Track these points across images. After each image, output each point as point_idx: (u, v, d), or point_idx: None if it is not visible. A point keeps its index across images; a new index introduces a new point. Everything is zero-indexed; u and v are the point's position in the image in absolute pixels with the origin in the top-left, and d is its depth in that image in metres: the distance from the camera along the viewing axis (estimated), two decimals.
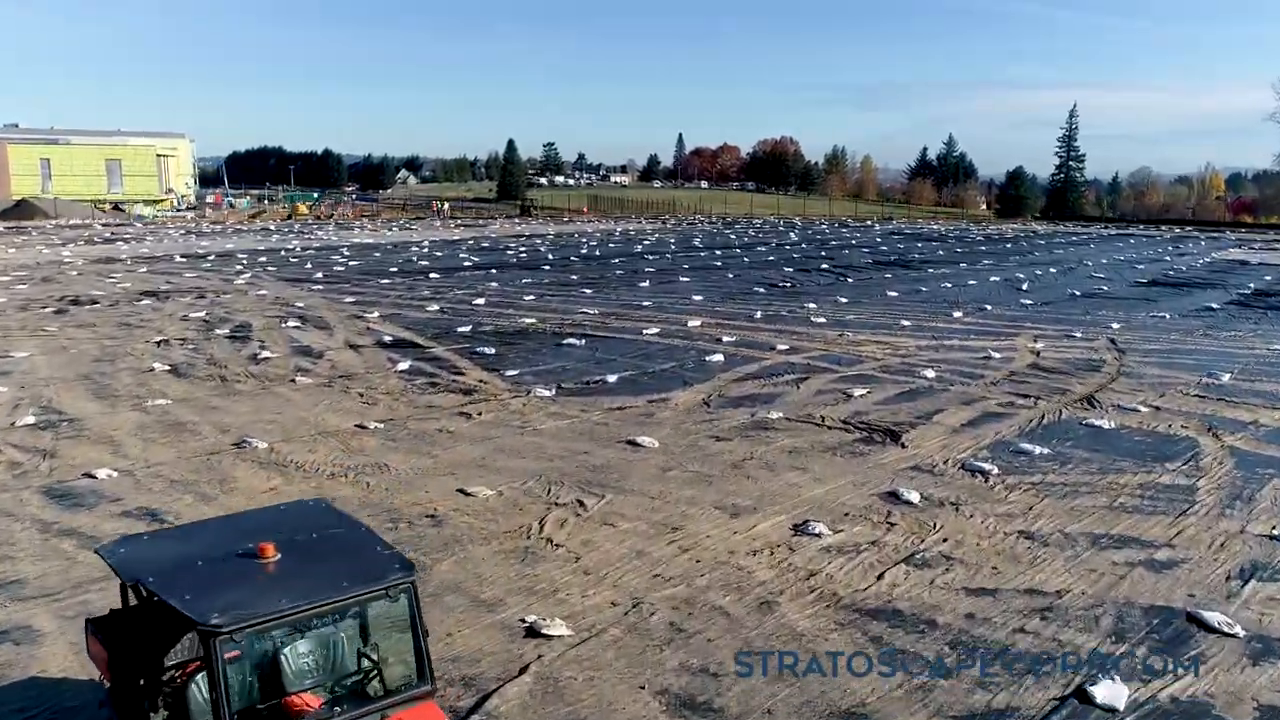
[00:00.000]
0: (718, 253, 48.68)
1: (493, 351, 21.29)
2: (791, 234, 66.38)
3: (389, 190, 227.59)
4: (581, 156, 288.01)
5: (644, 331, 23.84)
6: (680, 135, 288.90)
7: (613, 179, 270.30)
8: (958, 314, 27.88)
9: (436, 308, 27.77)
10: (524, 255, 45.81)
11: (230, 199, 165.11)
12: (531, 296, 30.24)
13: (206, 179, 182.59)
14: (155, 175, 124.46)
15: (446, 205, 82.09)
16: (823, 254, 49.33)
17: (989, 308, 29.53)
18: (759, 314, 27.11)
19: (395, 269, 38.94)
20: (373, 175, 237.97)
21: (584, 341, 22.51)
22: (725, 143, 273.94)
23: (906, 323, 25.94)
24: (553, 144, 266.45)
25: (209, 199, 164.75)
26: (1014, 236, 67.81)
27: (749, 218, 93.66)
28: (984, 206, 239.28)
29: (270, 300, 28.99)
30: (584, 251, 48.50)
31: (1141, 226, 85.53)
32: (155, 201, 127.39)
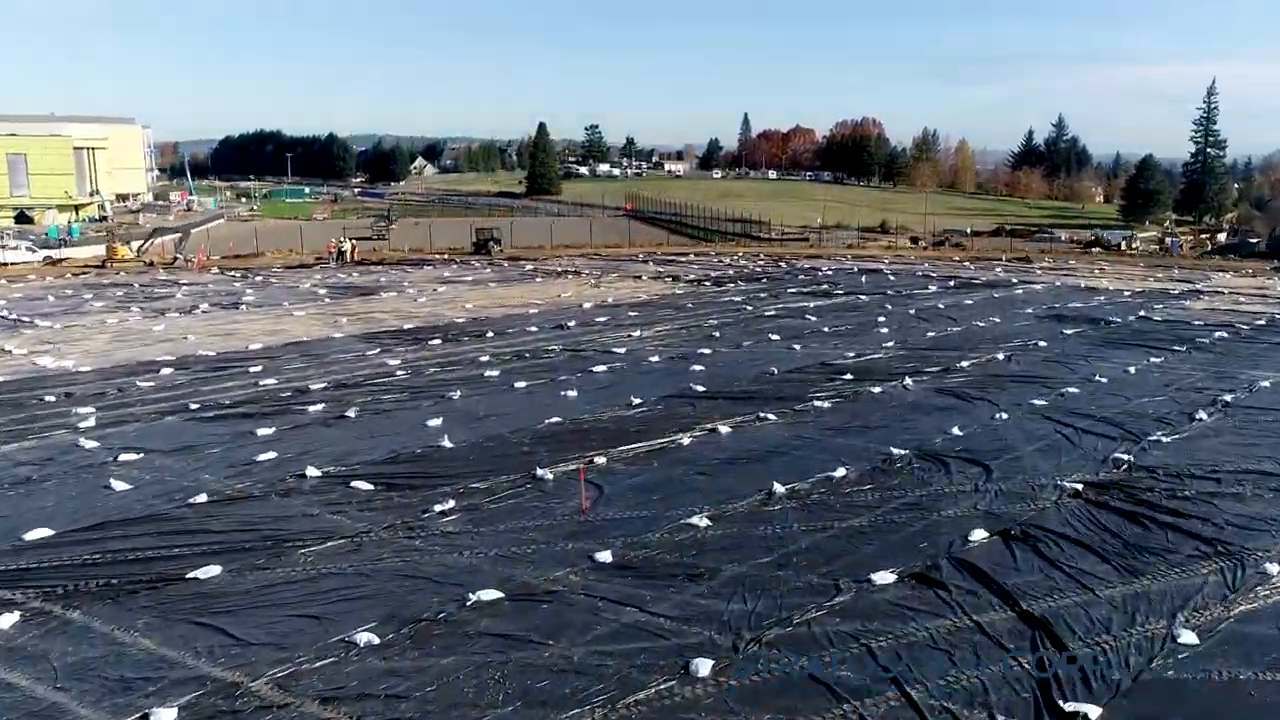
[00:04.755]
0: (738, 418, 22.61)
1: None
2: (886, 304, 39.99)
3: (401, 183, 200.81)
4: (630, 141, 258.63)
5: None
6: (745, 115, 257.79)
7: (666, 167, 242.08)
8: None
9: None
10: (266, 467, 20.13)
11: (194, 197, 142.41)
12: None
13: (192, 170, 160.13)
14: (72, 173, 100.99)
15: (349, 245, 56.69)
16: (953, 403, 23.03)
17: None
18: None
19: None
20: (384, 165, 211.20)
21: None
22: (798, 124, 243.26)
23: None
24: (596, 127, 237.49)
25: (173, 196, 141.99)
26: None
27: (815, 257, 67.04)
28: (1100, 199, 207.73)
29: None
30: (433, 427, 22.55)
31: None
32: (77, 207, 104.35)
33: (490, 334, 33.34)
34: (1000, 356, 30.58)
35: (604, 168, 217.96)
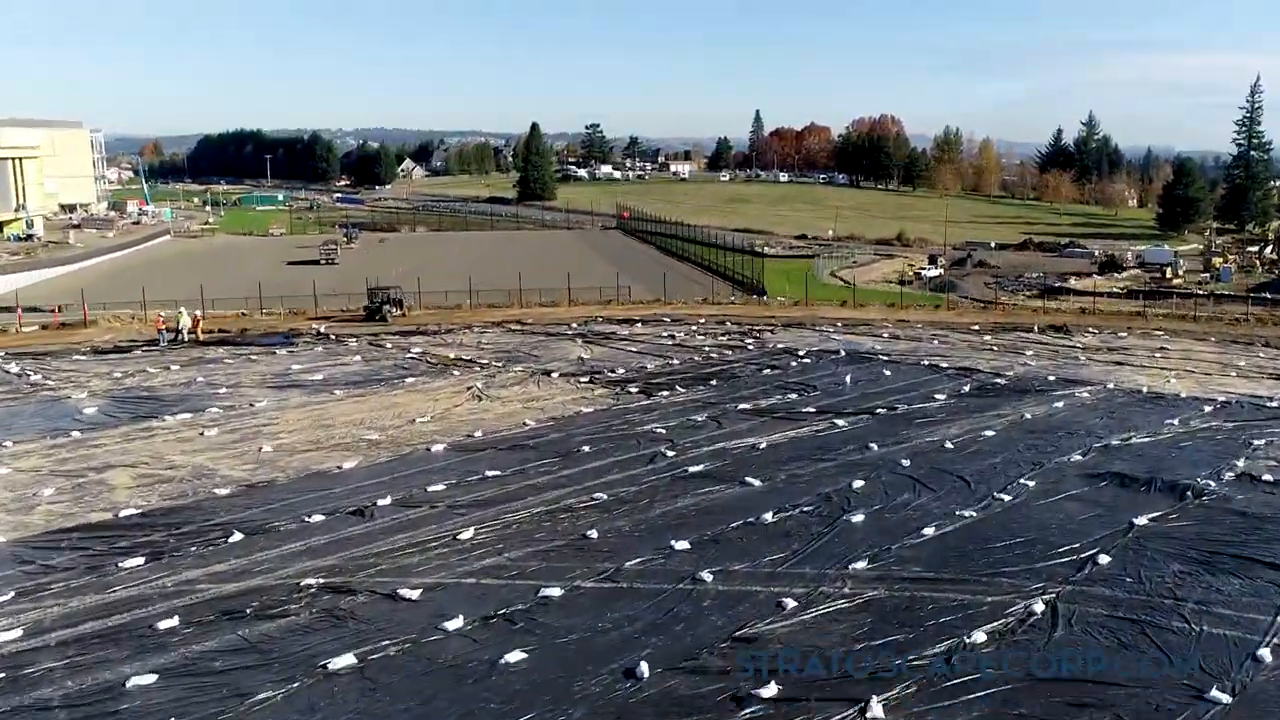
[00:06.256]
0: None
1: None
2: (871, 441, 27.76)
3: (387, 187, 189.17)
4: (634, 140, 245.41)
5: None
6: (758, 112, 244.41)
7: (672, 168, 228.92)
8: None
9: None
10: None
11: (150, 207, 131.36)
12: None
13: (165, 171, 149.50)
14: None
15: (188, 317, 45.10)
16: None
17: None
18: None
19: None
20: (368, 167, 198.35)
21: None
22: (812, 122, 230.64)
23: None
24: (597, 125, 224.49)
25: (130, 205, 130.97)
26: None
27: (797, 325, 55.54)
28: (1134, 203, 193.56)
29: None
30: None
31: None
32: (3, 223, 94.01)
33: (237, 535, 21.52)
34: (1039, 607, 18.60)
35: (605, 169, 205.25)
